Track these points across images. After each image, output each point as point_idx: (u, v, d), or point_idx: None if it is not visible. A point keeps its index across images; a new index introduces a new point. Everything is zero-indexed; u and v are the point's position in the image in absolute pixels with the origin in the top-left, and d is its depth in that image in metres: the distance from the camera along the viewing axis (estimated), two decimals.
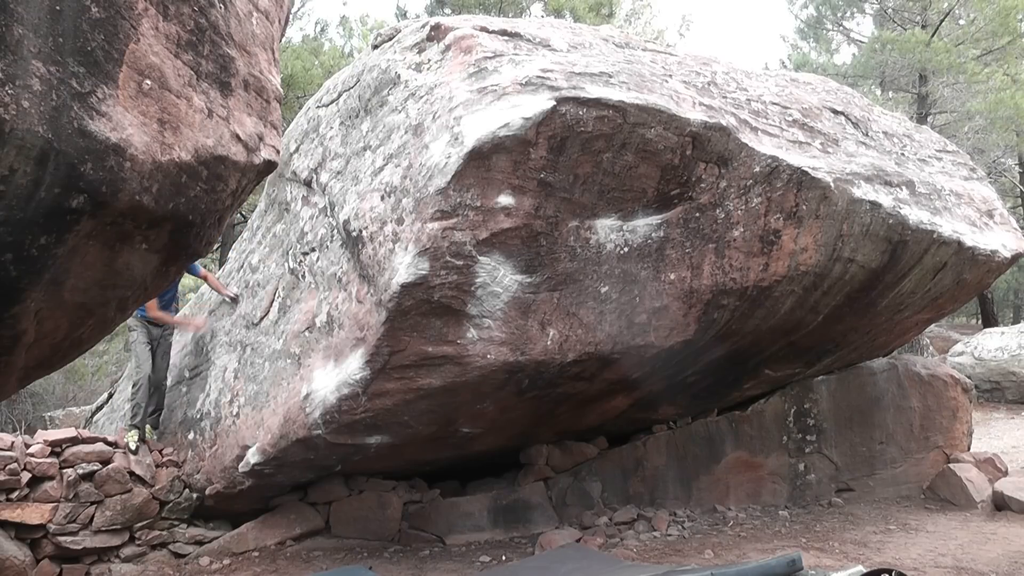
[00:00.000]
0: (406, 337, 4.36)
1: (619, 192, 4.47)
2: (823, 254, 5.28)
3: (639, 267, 4.74)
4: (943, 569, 5.14)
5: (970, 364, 13.95)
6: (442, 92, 4.26)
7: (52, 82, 2.14)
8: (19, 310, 2.51)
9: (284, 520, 5.83)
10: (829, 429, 7.14)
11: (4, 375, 2.86)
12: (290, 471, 5.46)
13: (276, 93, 3.15)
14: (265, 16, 3.07)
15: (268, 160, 3.09)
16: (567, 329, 4.68)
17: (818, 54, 23.22)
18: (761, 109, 5.25)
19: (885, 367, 7.44)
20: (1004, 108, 16.64)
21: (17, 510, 5.09)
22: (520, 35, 4.66)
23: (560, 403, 5.45)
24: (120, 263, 2.74)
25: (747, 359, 6.12)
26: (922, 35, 18.10)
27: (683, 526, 6.25)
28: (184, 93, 2.57)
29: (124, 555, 5.41)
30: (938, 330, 18.00)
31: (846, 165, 5.35)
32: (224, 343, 6.06)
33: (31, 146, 2.12)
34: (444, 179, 4.02)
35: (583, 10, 17.28)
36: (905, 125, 7.29)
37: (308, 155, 5.61)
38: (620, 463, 6.74)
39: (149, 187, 2.49)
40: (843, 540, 5.88)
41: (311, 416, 4.80)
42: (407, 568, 5.42)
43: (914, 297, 6.37)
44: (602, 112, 4.14)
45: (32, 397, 11.17)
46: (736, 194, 4.82)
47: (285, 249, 5.66)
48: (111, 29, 2.28)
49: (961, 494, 6.96)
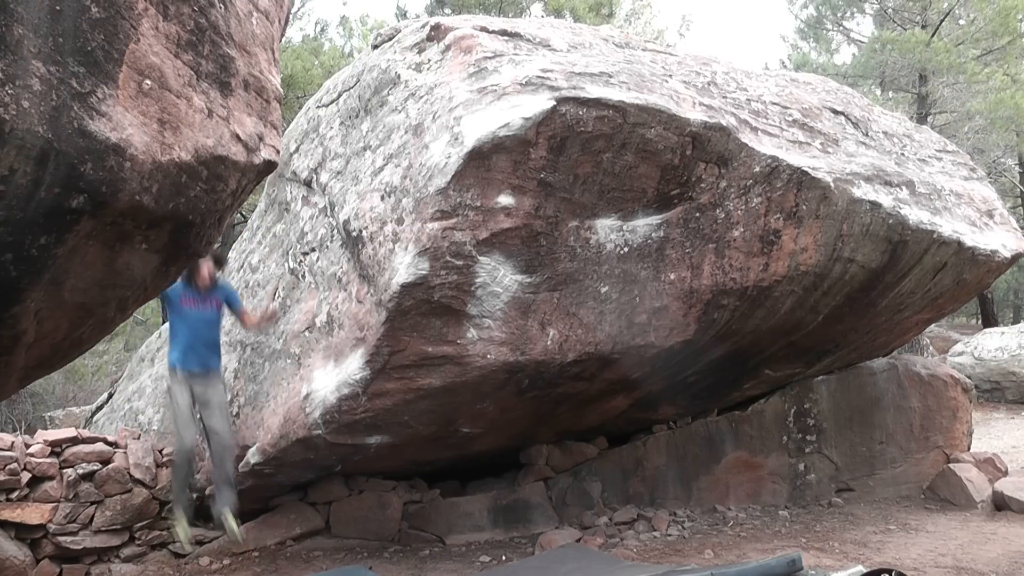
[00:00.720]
0: (406, 337, 4.36)
1: (619, 192, 4.47)
2: (823, 254, 5.28)
3: (639, 267, 4.74)
4: (943, 569, 5.14)
5: (970, 364, 13.96)
6: (442, 92, 4.26)
7: (52, 82, 2.14)
8: (19, 310, 2.51)
9: (284, 520, 5.84)
10: (829, 429, 7.14)
11: (4, 375, 2.86)
12: (290, 471, 5.46)
13: (276, 93, 3.15)
14: (265, 16, 3.07)
15: (268, 160, 3.09)
16: (567, 329, 4.68)
17: (818, 54, 23.23)
18: (761, 109, 5.25)
19: (885, 367, 7.44)
20: (1004, 108, 16.65)
21: (17, 510, 5.08)
22: (520, 35, 4.66)
23: (560, 403, 5.45)
24: (120, 263, 2.74)
25: (747, 359, 6.12)
26: (922, 35, 18.11)
27: (683, 526, 6.25)
28: (184, 93, 2.57)
29: (124, 555, 5.41)
30: (938, 330, 18.00)
31: (846, 165, 5.35)
32: (224, 343, 6.06)
33: (31, 146, 2.12)
34: (444, 179, 4.02)
35: (583, 10, 17.29)
36: (905, 125, 7.29)
37: (308, 155, 5.60)
38: (620, 463, 6.75)
39: (149, 187, 2.49)
40: (843, 540, 5.88)
41: (311, 416, 4.80)
42: (407, 568, 5.42)
43: (914, 297, 6.37)
44: (602, 112, 4.14)
45: (32, 397, 11.18)
46: (736, 194, 4.82)
47: (285, 249, 5.66)
48: (111, 29, 2.28)
49: (961, 494, 6.96)
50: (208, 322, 4.69)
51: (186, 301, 4.66)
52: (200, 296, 4.72)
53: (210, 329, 4.71)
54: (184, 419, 4.49)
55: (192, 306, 4.70)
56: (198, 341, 4.60)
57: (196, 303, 4.71)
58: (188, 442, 4.49)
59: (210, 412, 4.57)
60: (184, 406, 4.49)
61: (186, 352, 4.57)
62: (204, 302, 4.73)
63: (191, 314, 4.68)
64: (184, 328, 4.65)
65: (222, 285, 4.90)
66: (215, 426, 4.59)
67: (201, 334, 4.63)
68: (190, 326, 4.65)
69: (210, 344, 4.70)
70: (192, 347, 4.58)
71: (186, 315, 4.66)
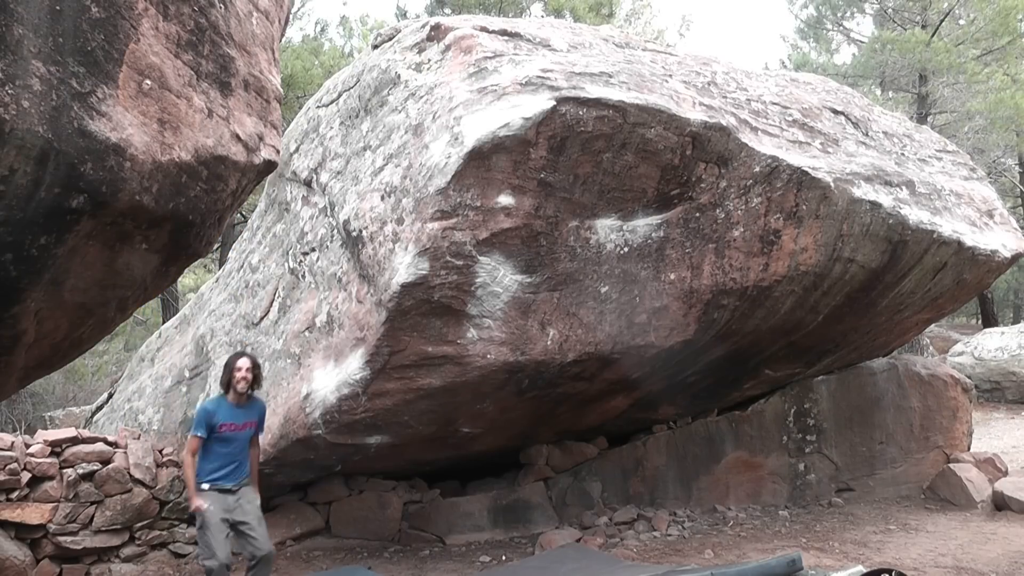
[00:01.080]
0: (406, 337, 4.36)
1: (619, 192, 4.47)
2: (823, 254, 5.28)
3: (639, 267, 4.74)
4: (943, 569, 5.14)
5: (970, 364, 13.96)
6: (442, 92, 4.26)
7: (52, 82, 2.14)
8: (19, 310, 2.51)
9: (284, 520, 5.83)
10: (829, 429, 7.14)
11: (4, 375, 2.86)
12: (290, 471, 5.46)
13: (276, 93, 3.16)
14: (265, 16, 3.07)
15: (268, 160, 3.09)
16: (567, 329, 4.68)
17: (818, 54, 23.23)
18: (761, 109, 5.25)
19: (885, 367, 7.44)
20: (1004, 108, 16.65)
21: (17, 510, 5.08)
22: (520, 35, 4.66)
23: (560, 403, 5.45)
24: (120, 263, 2.74)
25: (747, 359, 6.12)
26: (922, 35, 18.10)
27: (683, 526, 6.25)
28: (184, 93, 2.57)
29: (124, 555, 5.41)
30: (938, 330, 17.99)
31: (846, 165, 5.35)
32: (224, 343, 6.06)
33: (31, 146, 2.12)
34: (444, 179, 4.02)
35: (583, 10, 17.28)
36: (905, 125, 7.29)
37: (308, 155, 5.60)
38: (620, 463, 6.74)
39: (149, 187, 2.49)
40: (843, 540, 5.88)
41: (311, 416, 4.80)
42: (407, 568, 5.42)
43: (914, 297, 6.37)
44: (602, 112, 4.14)
45: (32, 397, 11.17)
46: (736, 194, 4.82)
47: (285, 249, 5.66)
48: (111, 29, 2.28)
49: (961, 494, 6.96)
50: (246, 441, 4.44)
51: (225, 427, 4.28)
52: (238, 412, 4.36)
53: (246, 446, 4.47)
54: (217, 535, 4.20)
55: (231, 431, 4.32)
56: (235, 460, 4.39)
57: (235, 427, 4.33)
58: (224, 558, 4.22)
59: (249, 525, 4.33)
60: (217, 524, 4.22)
61: (223, 472, 4.33)
62: (242, 425, 4.36)
63: (231, 437, 4.33)
64: (223, 450, 4.31)
65: (258, 399, 4.53)
66: (256, 536, 4.32)
67: (237, 454, 4.40)
68: (229, 449, 4.35)
69: (244, 457, 4.47)
70: (228, 466, 4.36)
71: (226, 439, 4.31)
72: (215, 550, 4.17)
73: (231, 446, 4.35)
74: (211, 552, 4.17)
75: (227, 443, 4.33)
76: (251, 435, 4.49)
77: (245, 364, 4.34)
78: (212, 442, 4.30)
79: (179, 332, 7.19)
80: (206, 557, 4.22)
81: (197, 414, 4.40)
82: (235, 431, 4.33)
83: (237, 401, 4.34)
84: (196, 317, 6.84)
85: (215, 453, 4.32)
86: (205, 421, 4.25)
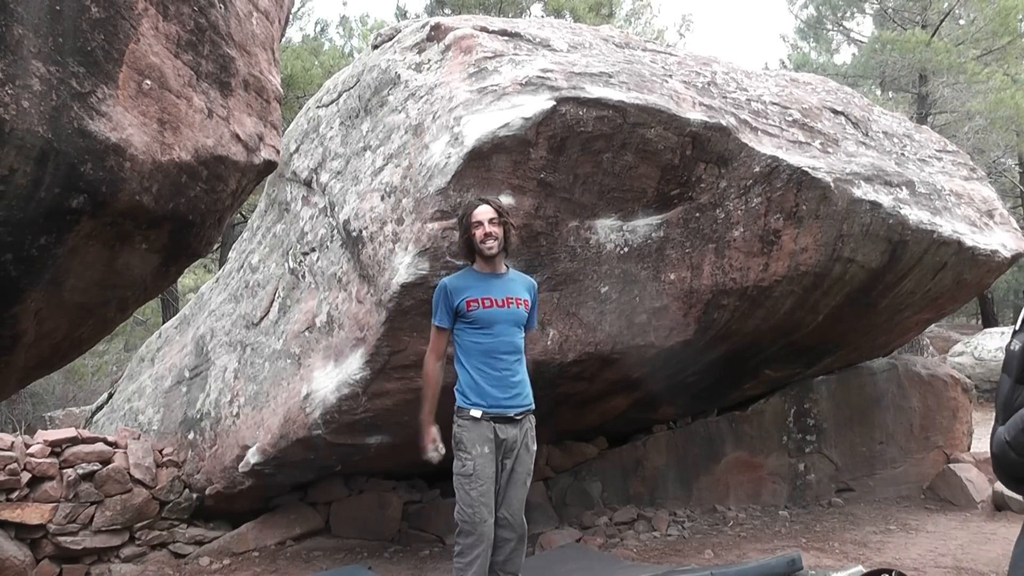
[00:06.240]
0: (406, 337, 4.36)
1: (619, 192, 4.47)
2: (823, 254, 5.28)
3: (639, 267, 4.74)
4: (943, 569, 5.14)
5: (970, 364, 13.96)
6: (442, 92, 4.26)
7: (52, 82, 2.14)
8: (19, 310, 2.52)
9: (284, 520, 5.83)
10: (829, 429, 7.14)
11: (4, 375, 2.86)
12: (290, 471, 5.45)
13: (276, 93, 3.16)
14: (265, 16, 3.08)
15: (268, 160, 3.09)
16: (567, 329, 4.68)
17: (818, 54, 23.25)
18: (761, 109, 5.25)
19: (885, 367, 7.44)
20: (1004, 108, 16.65)
21: (17, 510, 5.08)
22: (520, 35, 4.66)
23: (560, 403, 5.45)
24: (120, 263, 2.74)
25: (747, 359, 6.12)
26: (922, 35, 18.10)
27: (683, 526, 6.25)
28: (184, 93, 2.57)
29: (124, 555, 5.41)
30: (938, 330, 17.99)
31: (846, 165, 5.35)
32: (224, 343, 6.06)
33: (31, 146, 2.12)
34: (444, 179, 4.02)
35: (583, 10, 17.30)
36: (905, 125, 7.29)
37: (308, 155, 5.60)
38: (620, 463, 6.74)
39: (149, 187, 2.49)
40: (843, 540, 5.88)
41: (311, 416, 4.80)
42: (407, 568, 5.42)
43: (914, 297, 6.37)
44: (602, 112, 4.14)
45: (32, 397, 11.17)
46: (736, 194, 4.82)
47: (285, 249, 5.66)
48: (111, 29, 2.28)
49: (961, 494, 6.96)
50: (517, 328, 3.32)
51: (474, 304, 3.23)
52: (495, 284, 3.33)
53: (518, 338, 3.30)
54: (490, 498, 3.07)
55: (488, 308, 3.23)
56: (509, 363, 3.28)
57: (492, 303, 3.25)
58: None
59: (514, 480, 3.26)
60: (490, 477, 3.12)
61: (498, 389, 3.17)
62: (503, 302, 3.31)
63: (491, 318, 3.23)
64: (486, 342, 3.21)
65: (523, 275, 3.54)
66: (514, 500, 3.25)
67: (511, 351, 3.31)
68: (494, 341, 3.24)
69: (521, 359, 3.34)
70: (503, 372, 3.25)
71: (484, 322, 3.20)
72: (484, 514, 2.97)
73: (495, 336, 3.11)
74: (477, 514, 3.00)
75: (488, 330, 3.12)
76: (523, 320, 3.26)
77: (486, 214, 3.17)
78: (464, 332, 3.11)
79: (179, 332, 7.18)
80: (466, 520, 3.03)
81: (435, 295, 3.24)
82: (494, 308, 3.10)
83: (492, 269, 3.22)
84: (196, 317, 6.84)
85: (474, 351, 3.09)
86: (443, 303, 3.10)
